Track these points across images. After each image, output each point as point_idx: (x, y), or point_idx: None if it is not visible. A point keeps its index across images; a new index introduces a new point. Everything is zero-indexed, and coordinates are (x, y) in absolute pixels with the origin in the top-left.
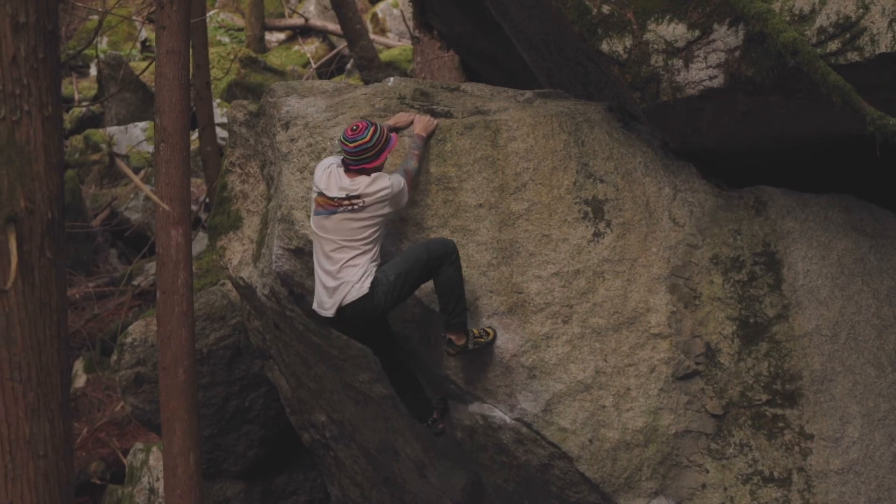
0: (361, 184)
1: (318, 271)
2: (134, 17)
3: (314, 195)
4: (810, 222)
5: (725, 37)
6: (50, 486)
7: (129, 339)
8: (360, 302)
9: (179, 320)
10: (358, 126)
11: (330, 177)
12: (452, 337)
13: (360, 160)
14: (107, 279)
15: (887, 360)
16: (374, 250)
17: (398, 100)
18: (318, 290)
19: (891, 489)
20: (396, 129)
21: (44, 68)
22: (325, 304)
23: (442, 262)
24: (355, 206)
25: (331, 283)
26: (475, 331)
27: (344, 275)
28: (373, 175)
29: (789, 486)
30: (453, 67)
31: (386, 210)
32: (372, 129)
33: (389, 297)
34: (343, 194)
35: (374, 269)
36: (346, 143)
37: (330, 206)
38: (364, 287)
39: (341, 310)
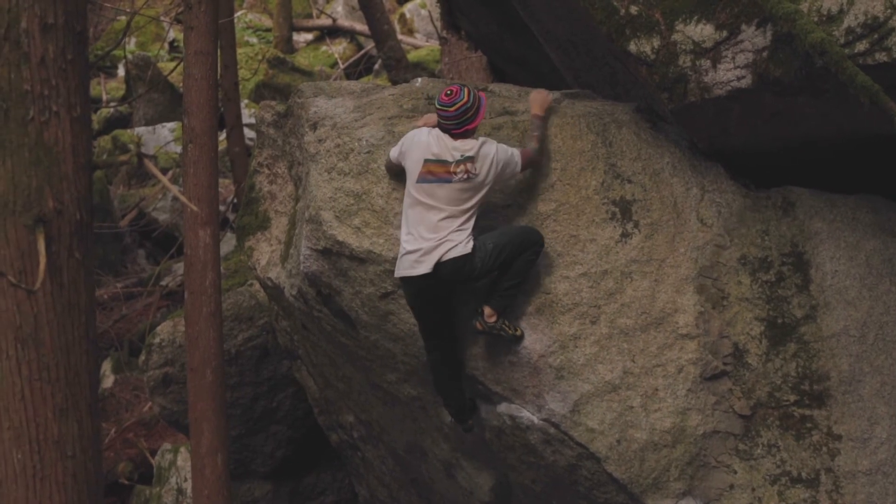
0: (473, 145)
1: (410, 236)
2: (162, 18)
3: (416, 165)
4: (838, 223)
5: (753, 37)
6: (78, 487)
7: (157, 340)
8: (460, 260)
9: (207, 321)
10: (452, 90)
11: (439, 141)
12: (487, 311)
13: (462, 122)
14: (135, 280)
15: None
16: (475, 218)
17: (426, 100)
18: (409, 254)
19: None
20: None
21: (72, 69)
22: (419, 262)
23: (529, 248)
24: (470, 174)
25: (430, 244)
26: (506, 321)
27: (448, 237)
28: (480, 139)
29: (817, 486)
30: (481, 68)
31: (496, 171)
32: (466, 90)
33: (485, 265)
34: (459, 155)
35: (473, 237)
36: (446, 108)
37: (445, 174)
38: (467, 247)
39: (439, 265)
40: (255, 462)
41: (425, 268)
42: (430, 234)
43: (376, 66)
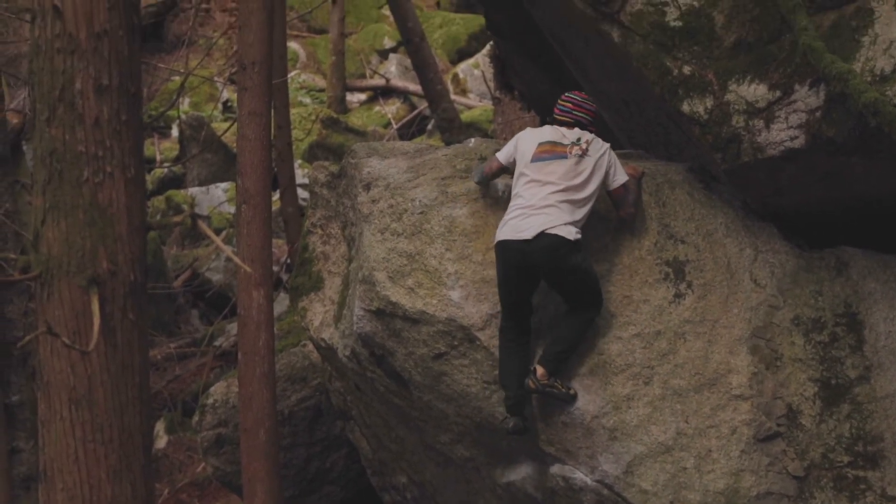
0: (587, 135)
1: (520, 208)
2: (215, 79)
3: (530, 147)
4: (892, 283)
5: (806, 97)
6: None
7: (210, 400)
8: (561, 241)
9: (261, 381)
10: (572, 92)
11: (554, 131)
12: (540, 370)
13: (577, 114)
14: (188, 340)
15: None
16: (585, 216)
17: (479, 160)
18: (513, 219)
19: None
20: None
21: (126, 130)
22: (522, 228)
23: (596, 303)
24: (584, 151)
25: (538, 214)
26: (559, 381)
27: (559, 215)
28: (592, 134)
29: None
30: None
31: (607, 163)
32: (584, 94)
33: (578, 268)
34: (574, 138)
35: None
36: (565, 102)
37: (560, 151)
38: (573, 235)
39: (541, 236)
40: None
41: (527, 234)
42: (541, 204)
43: (429, 127)
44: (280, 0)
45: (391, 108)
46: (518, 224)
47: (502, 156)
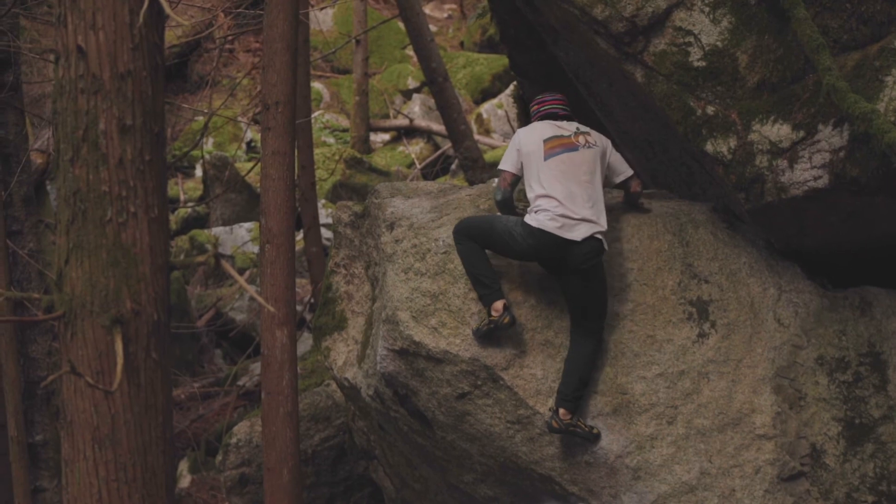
0: (581, 126)
1: (561, 196)
2: (239, 119)
3: (537, 148)
4: None
5: (830, 137)
6: None
7: (234, 440)
8: (600, 244)
9: (284, 421)
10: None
11: (549, 126)
12: (562, 411)
13: (569, 111)
14: (212, 380)
15: None
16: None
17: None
18: (561, 216)
19: None
20: None
21: (150, 170)
22: (572, 227)
23: (602, 317)
24: (590, 144)
25: (586, 209)
26: (581, 420)
27: (599, 213)
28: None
29: None
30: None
31: (611, 154)
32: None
33: (599, 271)
34: (574, 128)
35: None
36: (556, 99)
37: (569, 144)
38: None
39: (590, 239)
40: None
41: (577, 235)
42: (588, 205)
43: (453, 166)
44: (304, 40)
45: (415, 148)
46: (567, 221)
47: (509, 165)
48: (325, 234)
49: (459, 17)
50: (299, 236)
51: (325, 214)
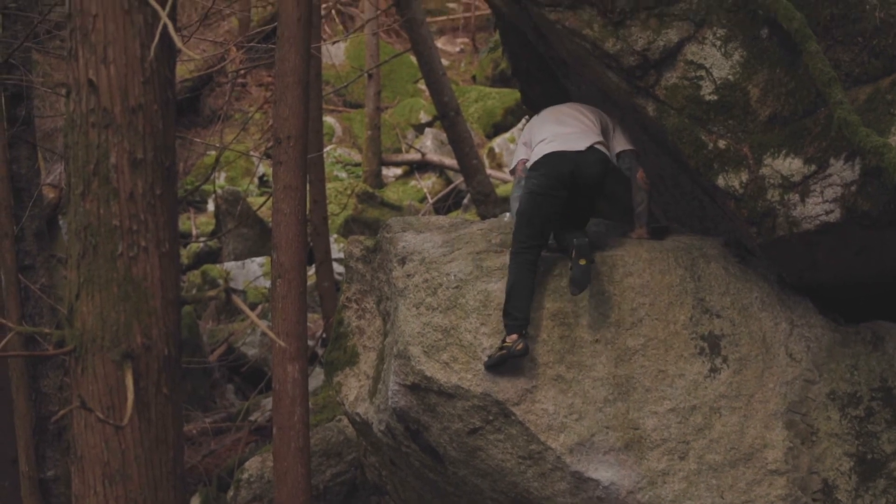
0: None
1: (554, 133)
2: (251, 153)
3: (538, 127)
4: None
5: (842, 171)
6: None
7: (245, 475)
8: (607, 159)
9: (296, 456)
10: None
11: (556, 109)
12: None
13: None
14: (223, 415)
15: None
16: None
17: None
18: (558, 137)
19: None
20: None
21: (161, 204)
22: (572, 140)
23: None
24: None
25: (582, 131)
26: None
27: (596, 135)
28: None
29: None
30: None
31: (613, 123)
32: None
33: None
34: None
35: None
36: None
37: (569, 112)
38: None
39: (593, 149)
40: None
41: (581, 144)
42: (579, 126)
43: (465, 201)
44: (316, 74)
45: (427, 183)
46: (567, 139)
47: (522, 154)
48: (337, 268)
49: (471, 51)
50: (311, 271)
51: (336, 249)
